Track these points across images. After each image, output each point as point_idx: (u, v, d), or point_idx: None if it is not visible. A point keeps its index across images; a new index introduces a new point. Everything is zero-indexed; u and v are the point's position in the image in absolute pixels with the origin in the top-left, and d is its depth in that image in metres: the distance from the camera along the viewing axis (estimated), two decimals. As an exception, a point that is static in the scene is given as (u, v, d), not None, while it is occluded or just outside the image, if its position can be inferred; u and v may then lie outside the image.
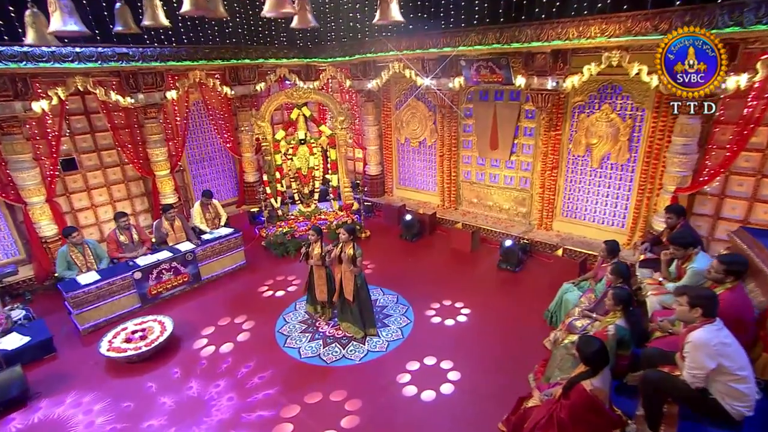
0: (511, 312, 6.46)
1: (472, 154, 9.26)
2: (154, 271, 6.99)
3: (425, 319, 6.37)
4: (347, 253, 5.80)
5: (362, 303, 5.97)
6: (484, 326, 6.17)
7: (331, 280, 6.28)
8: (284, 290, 7.38)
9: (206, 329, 6.41)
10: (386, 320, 6.38)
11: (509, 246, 7.67)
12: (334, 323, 6.39)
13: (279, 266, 8.23)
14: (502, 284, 7.34)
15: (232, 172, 10.72)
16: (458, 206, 9.87)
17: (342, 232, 5.81)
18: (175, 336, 6.19)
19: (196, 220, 8.21)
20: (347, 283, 5.91)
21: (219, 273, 7.87)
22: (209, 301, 7.18)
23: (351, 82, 10.09)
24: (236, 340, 6.16)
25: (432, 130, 9.77)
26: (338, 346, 5.93)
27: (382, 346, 5.86)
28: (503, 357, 5.55)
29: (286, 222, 9.32)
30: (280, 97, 9.25)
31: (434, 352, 5.66)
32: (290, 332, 6.28)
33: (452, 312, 6.49)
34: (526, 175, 8.60)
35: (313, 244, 6.20)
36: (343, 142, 9.71)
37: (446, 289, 6.97)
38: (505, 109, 8.43)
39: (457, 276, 7.49)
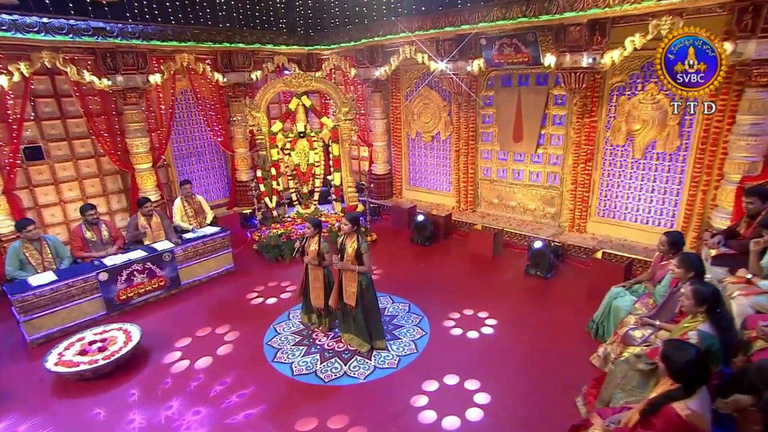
0: (546, 323, 5.65)
1: (493, 147, 8.55)
2: (123, 273, 6.14)
3: (443, 330, 5.57)
4: (349, 248, 4.96)
5: (368, 310, 5.13)
6: (514, 340, 5.33)
7: (329, 282, 5.41)
8: (276, 297, 6.57)
9: (181, 341, 5.55)
10: (396, 332, 5.56)
11: (539, 248, 6.81)
12: (335, 335, 5.51)
13: (272, 271, 7.46)
14: (532, 292, 6.55)
15: (223, 170, 10.00)
16: (476, 208, 9.10)
17: (343, 222, 4.99)
18: (143, 348, 5.33)
19: (177, 217, 7.42)
20: (349, 285, 5.06)
21: (202, 277, 7.05)
22: (188, 309, 6.38)
23: (356, 71, 9.42)
24: (216, 353, 5.30)
25: (446, 122, 9.07)
26: (339, 361, 5.05)
27: (392, 362, 4.99)
28: (542, 376, 4.68)
29: (282, 224, 8.49)
30: (277, 84, 8.58)
31: (456, 369, 4.80)
32: (281, 345, 5.41)
33: (475, 323, 5.68)
34: (555, 170, 7.83)
35: (310, 239, 5.38)
36: (347, 136, 8.99)
37: (467, 297, 6.27)
38: (531, 94, 7.71)
39: (478, 283, 6.78)
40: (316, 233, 5.38)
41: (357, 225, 5.04)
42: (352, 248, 4.97)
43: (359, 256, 4.98)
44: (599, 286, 5.84)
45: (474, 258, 7.65)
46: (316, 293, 5.51)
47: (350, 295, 5.10)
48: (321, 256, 5.33)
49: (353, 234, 5.04)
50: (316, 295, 5.51)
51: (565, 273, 6.99)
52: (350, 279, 5.07)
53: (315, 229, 5.36)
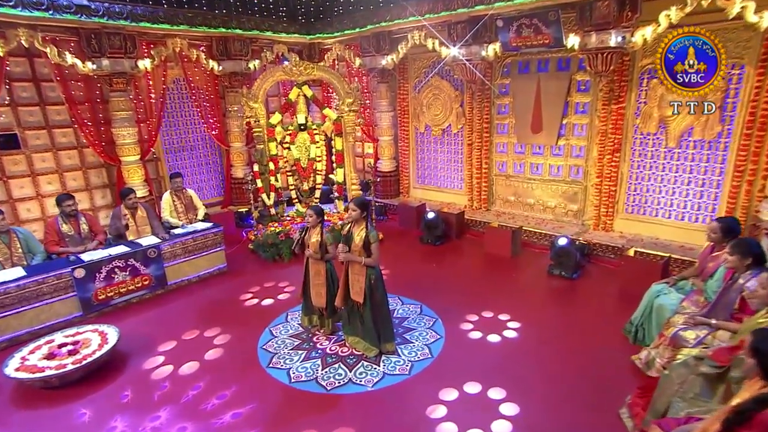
0: (575, 327, 5.19)
1: (509, 140, 8.12)
2: (103, 269, 5.66)
3: (460, 334, 5.11)
4: (357, 236, 4.48)
5: (377, 308, 4.65)
6: (541, 344, 4.87)
7: (332, 279, 4.96)
8: (273, 298, 6.12)
9: (165, 344, 5.07)
10: (408, 335, 5.10)
11: (564, 246, 6.32)
12: (338, 338, 5.02)
13: (268, 271, 7.01)
14: (557, 294, 6.10)
15: (217, 166, 9.58)
16: (490, 206, 8.64)
17: (351, 207, 4.52)
18: (120, 352, 4.84)
19: (166, 212, 6.96)
20: (356, 279, 4.58)
21: (191, 277, 6.58)
22: (174, 311, 5.92)
23: (361, 60, 9.01)
24: (203, 358, 4.81)
25: (458, 113, 8.67)
26: (343, 367, 4.55)
27: (403, 368, 4.49)
28: (576, 385, 4.20)
29: (281, 223, 8.04)
30: (276, 73, 8.18)
31: (478, 376, 4.32)
32: (278, 349, 4.92)
33: (496, 326, 5.21)
34: (578, 162, 7.39)
35: (311, 229, 4.91)
36: (351, 129, 8.60)
37: (485, 298, 5.84)
38: (552, 81, 7.30)
39: (497, 284, 6.36)
40: (319, 222, 4.93)
41: (366, 211, 4.56)
42: (360, 237, 4.50)
43: (367, 247, 4.49)
44: (633, 286, 5.46)
45: (490, 258, 7.21)
46: (317, 291, 5.01)
47: (358, 290, 4.61)
48: (323, 248, 4.85)
49: (361, 221, 4.56)
50: (317, 292, 5.02)
51: (592, 273, 6.52)
52: (358, 273, 4.59)
53: (317, 218, 4.90)
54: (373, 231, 4.56)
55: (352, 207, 4.53)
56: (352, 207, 4.53)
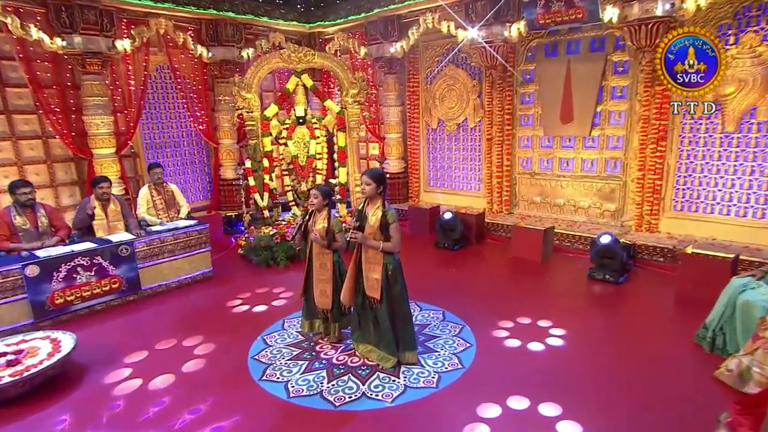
0: (633, 335, 4.59)
1: (534, 133, 7.69)
2: (62, 268, 4.98)
3: (494, 341, 4.52)
4: (372, 216, 3.88)
5: (395, 306, 4.01)
6: (596, 354, 4.28)
7: (340, 274, 4.34)
8: (267, 305, 5.48)
9: (133, 355, 4.39)
10: (430, 343, 4.48)
11: (607, 245, 5.75)
12: (347, 347, 4.36)
13: (261, 276, 6.41)
14: (603, 299, 5.50)
15: (204, 165, 9.03)
16: (513, 209, 8.11)
17: (365, 180, 3.92)
18: (76, 364, 4.17)
19: (142, 208, 6.35)
20: (371, 269, 3.95)
21: (171, 282, 5.94)
22: (148, 318, 5.28)
23: (367, 49, 8.59)
24: (180, 370, 4.12)
25: (476, 105, 8.22)
26: (354, 379, 3.88)
27: (429, 381, 3.84)
28: (647, 401, 3.56)
29: (275, 227, 7.41)
30: (272, 60, 7.69)
31: (523, 389, 3.68)
32: (272, 359, 4.25)
33: (537, 333, 4.63)
34: (615, 155, 6.90)
35: (316, 213, 4.34)
36: (355, 124, 8.12)
37: (518, 304, 5.27)
38: (584, 64, 6.86)
39: (530, 289, 5.83)
40: (325, 206, 4.32)
41: (383, 185, 3.95)
42: (375, 217, 3.90)
43: (385, 229, 3.87)
44: (696, 289, 5.02)
45: (518, 263, 6.64)
46: (321, 288, 4.35)
47: (373, 284, 3.97)
48: (331, 235, 4.22)
49: (377, 198, 3.95)
50: (321, 290, 4.36)
51: (641, 277, 5.92)
52: (373, 261, 3.95)
53: (323, 200, 4.31)
54: (391, 209, 3.96)
55: (365, 180, 3.93)
56: (365, 180, 3.93)
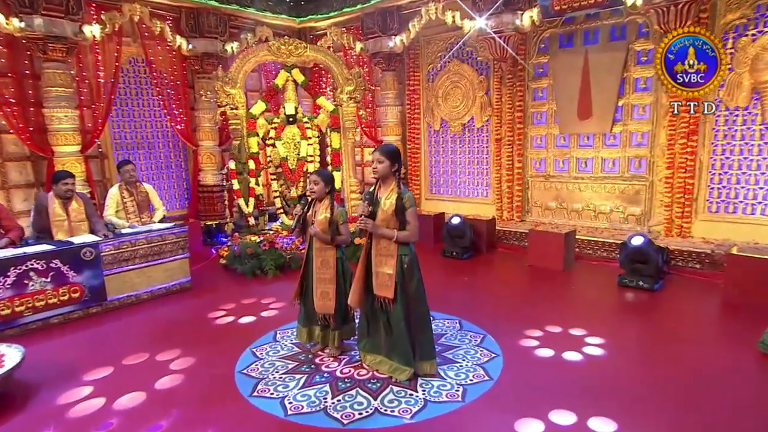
0: (684, 344, 4.25)
1: (548, 131, 7.52)
2: (11, 273, 4.52)
3: (523, 351, 4.20)
4: (386, 201, 3.54)
5: (412, 307, 3.62)
6: (644, 364, 3.98)
7: (344, 273, 4.00)
8: (255, 315, 5.09)
9: (95, 371, 3.95)
10: (449, 354, 4.13)
11: (640, 247, 5.47)
12: (352, 358, 3.99)
13: (246, 287, 6.03)
14: (640, 307, 5.19)
15: (181, 170, 8.67)
16: (525, 216, 7.86)
17: (377, 158, 3.58)
18: (25, 382, 3.68)
19: (110, 210, 5.95)
20: (383, 264, 3.59)
21: (142, 292, 5.52)
22: (114, 331, 4.82)
23: (363, 44, 8.41)
24: (153, 387, 3.66)
25: (483, 103, 8.03)
26: (363, 393, 3.50)
27: (453, 394, 3.47)
28: (716, 416, 3.21)
29: (261, 235, 7.05)
30: (260, 53, 7.53)
31: (566, 402, 3.35)
32: (264, 373, 3.83)
33: (571, 342, 4.30)
34: (640, 153, 6.71)
35: (317, 203, 4.01)
36: (351, 124, 7.92)
37: (543, 313, 5.01)
38: (603, 54, 6.70)
39: (555, 297, 5.58)
40: (327, 193, 3.97)
41: (398, 163, 3.61)
42: (389, 201, 3.54)
43: (400, 215, 3.51)
44: (748, 294, 4.80)
45: (537, 272, 6.34)
46: (323, 290, 3.96)
47: (384, 280, 3.59)
48: (334, 228, 3.86)
49: (391, 179, 3.60)
50: (322, 292, 3.96)
51: (679, 283, 5.64)
52: (385, 254, 3.59)
53: (326, 186, 3.96)
54: (407, 192, 3.60)
55: (377, 157, 3.58)
56: (377, 157, 3.58)
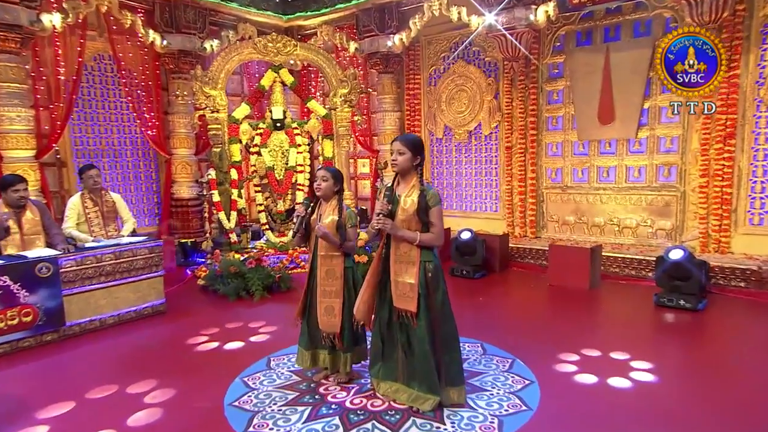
0: (736, 371, 4.12)
1: (565, 138, 7.54)
2: (-47, 290, 4.15)
3: (561, 377, 4.01)
4: (407, 199, 3.32)
5: (438, 323, 3.36)
6: (705, 391, 3.76)
7: (354, 284, 3.77)
8: (243, 341, 4.84)
9: (52, 407, 3.63)
10: (475, 381, 3.89)
11: (678, 262, 5.33)
12: (363, 386, 3.74)
13: (230, 310, 5.82)
14: (684, 328, 5.12)
15: (151, 181, 8.45)
16: (540, 232, 7.79)
17: (398, 148, 3.38)
18: None
19: (70, 221, 5.64)
20: (403, 271, 3.35)
21: (108, 315, 5.22)
22: (76, 360, 4.53)
23: (358, 45, 8.40)
24: (125, 423, 3.35)
25: (492, 108, 8.03)
26: (380, 426, 3.24)
27: (488, 427, 3.27)
28: None
29: (244, 253, 6.84)
30: (244, 49, 7.54)
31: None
32: (260, 406, 3.55)
33: (614, 367, 4.13)
34: (669, 160, 6.69)
35: (323, 204, 3.80)
36: (345, 130, 7.91)
37: (576, 335, 4.94)
38: (627, 53, 6.75)
39: (584, 318, 5.56)
40: (336, 192, 3.76)
41: (420, 156, 3.39)
42: (411, 200, 3.32)
43: (423, 214, 3.27)
44: None
45: (561, 292, 6.25)
46: (328, 304, 3.69)
47: (406, 291, 3.32)
48: (342, 232, 3.61)
49: (413, 174, 3.38)
50: (327, 307, 3.69)
51: (723, 303, 5.55)
52: (405, 260, 3.33)
53: (335, 184, 3.74)
54: (431, 188, 3.38)
55: (398, 148, 3.36)
56: (398, 148, 3.36)
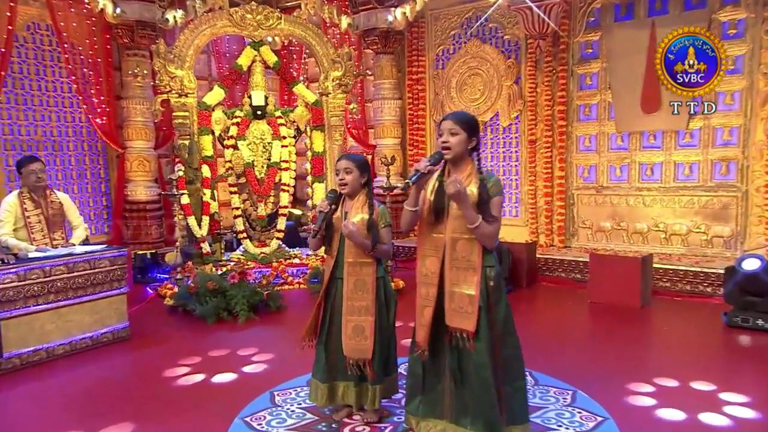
0: None
1: (601, 129, 7.66)
2: None
3: (640, 413, 3.95)
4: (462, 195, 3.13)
5: (501, 350, 3.20)
6: None
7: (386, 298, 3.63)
8: (234, 372, 4.66)
9: None
10: (534, 417, 3.78)
11: (754, 274, 5.27)
12: (398, 425, 3.58)
13: (211, 335, 5.69)
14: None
15: (100, 180, 8.31)
16: (569, 240, 7.94)
17: (450, 128, 3.17)
18: None
19: (6, 228, 5.37)
20: (461, 279, 3.14)
21: (58, 344, 4.96)
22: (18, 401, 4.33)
23: (351, 19, 8.43)
24: None
25: (512, 95, 8.19)
26: None
27: None
28: None
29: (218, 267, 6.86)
30: (218, 21, 7.43)
31: None
32: None
33: (701, 400, 4.07)
34: (728, 155, 6.83)
35: (348, 200, 3.62)
36: (338, 120, 7.88)
37: (642, 361, 5.04)
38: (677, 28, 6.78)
39: (645, 341, 5.67)
40: (363, 185, 3.56)
41: (477, 140, 3.16)
42: (470, 191, 3.10)
43: (485, 206, 3.05)
44: None
45: (605, 310, 6.28)
46: (356, 324, 3.48)
47: (463, 306, 3.10)
48: (374, 232, 3.44)
49: (468, 160, 3.15)
50: (355, 327, 3.48)
51: None
52: (464, 265, 3.11)
53: (361, 175, 3.54)
54: (493, 176, 3.18)
55: (451, 127, 3.13)
56: (451, 127, 3.13)
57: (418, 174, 3.11)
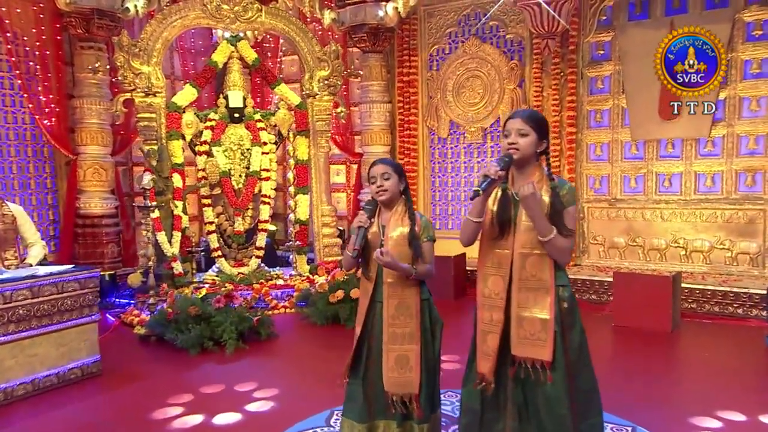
0: None
1: (614, 137, 7.80)
2: None
3: None
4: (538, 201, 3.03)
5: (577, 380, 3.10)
6: None
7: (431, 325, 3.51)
8: (237, 411, 4.47)
9: None
10: None
11: None
12: None
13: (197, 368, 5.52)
14: None
15: (46, 191, 8.15)
16: (579, 258, 8.00)
17: (518, 128, 3.04)
18: None
19: None
20: (530, 303, 3.03)
21: (17, 383, 4.71)
22: None
23: (336, 14, 8.39)
24: None
25: (515, 98, 8.39)
26: None
27: None
28: None
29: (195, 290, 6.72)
30: (190, 13, 7.36)
31: None
32: None
33: None
34: (754, 165, 6.97)
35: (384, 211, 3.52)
36: (324, 125, 7.92)
37: (696, 392, 5.06)
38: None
39: (692, 370, 5.65)
40: (402, 193, 3.43)
41: (546, 140, 3.06)
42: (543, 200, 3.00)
43: (557, 216, 2.96)
44: None
45: (633, 334, 6.28)
46: (399, 353, 3.31)
47: (535, 332, 2.97)
48: (416, 246, 3.27)
49: (535, 164, 3.03)
50: (398, 357, 3.31)
51: None
52: (534, 285, 2.99)
53: (399, 181, 3.42)
54: (567, 184, 3.09)
55: (519, 126, 3.01)
56: (519, 126, 3.01)
57: (488, 180, 2.99)
